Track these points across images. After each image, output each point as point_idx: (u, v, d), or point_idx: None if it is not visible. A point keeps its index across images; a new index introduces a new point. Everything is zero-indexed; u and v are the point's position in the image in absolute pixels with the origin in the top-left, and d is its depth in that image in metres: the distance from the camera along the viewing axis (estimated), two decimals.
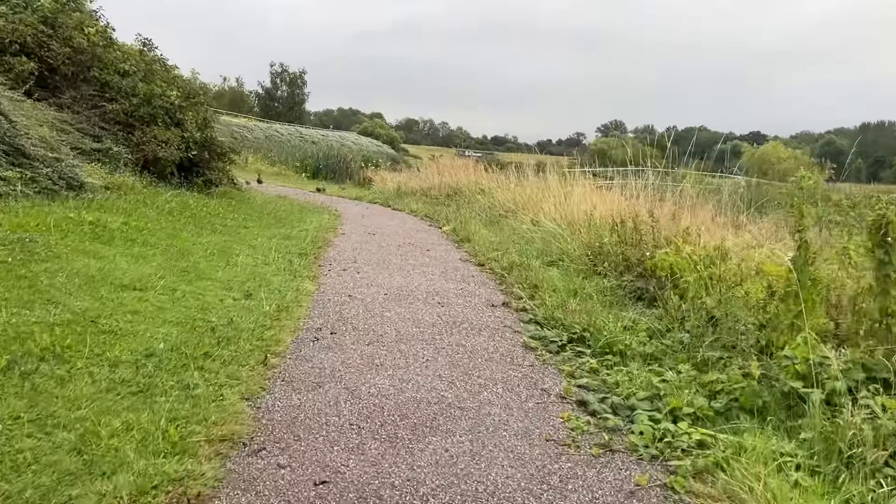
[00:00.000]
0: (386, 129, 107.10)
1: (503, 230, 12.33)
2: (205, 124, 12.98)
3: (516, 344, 5.46)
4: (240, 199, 13.89)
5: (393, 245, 10.52)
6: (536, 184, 15.43)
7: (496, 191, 16.83)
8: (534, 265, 8.50)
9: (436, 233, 12.95)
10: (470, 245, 10.97)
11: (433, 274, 8.23)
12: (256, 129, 61.39)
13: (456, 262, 9.28)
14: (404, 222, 14.58)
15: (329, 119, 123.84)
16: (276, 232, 10.32)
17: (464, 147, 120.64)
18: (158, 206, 9.50)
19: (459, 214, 15.10)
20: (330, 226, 12.39)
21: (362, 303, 6.40)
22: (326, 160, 36.48)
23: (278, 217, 12.21)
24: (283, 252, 8.57)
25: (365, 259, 8.91)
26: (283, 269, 7.41)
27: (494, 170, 20.25)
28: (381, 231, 12.37)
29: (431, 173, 23.46)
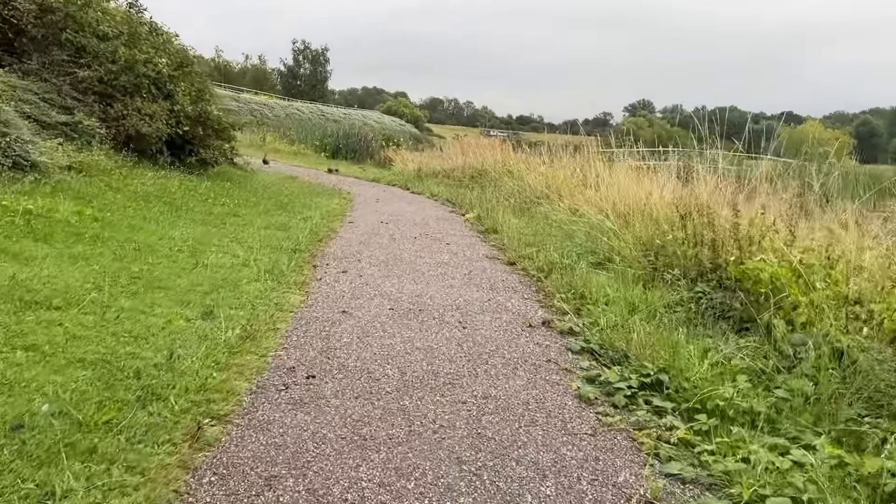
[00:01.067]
0: (410, 108, 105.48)
1: (536, 219, 10.73)
2: (199, 97, 11.51)
3: (567, 392, 3.90)
4: (240, 181, 12.43)
5: (407, 237, 8.99)
6: (572, 165, 13.78)
7: (526, 173, 15.19)
8: (578, 267, 6.92)
9: (458, 221, 11.39)
10: (497, 237, 9.40)
11: (453, 278, 6.68)
12: (277, 107, 60.11)
13: (481, 261, 7.73)
14: (423, 208, 13.03)
15: (354, 98, 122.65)
16: (272, 221, 8.84)
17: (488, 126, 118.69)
18: (131, 191, 8.06)
19: (485, 199, 13.51)
20: (338, 212, 10.89)
21: (358, 323, 4.88)
22: (347, 139, 35.01)
23: (279, 203, 10.73)
24: (274, 248, 7.09)
25: (372, 256, 7.40)
26: (266, 273, 5.92)
27: (523, 150, 18.56)
28: (395, 219, 10.84)
29: (454, 153, 21.84)
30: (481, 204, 12.79)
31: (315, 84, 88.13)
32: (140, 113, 9.88)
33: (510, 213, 11.63)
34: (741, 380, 4.02)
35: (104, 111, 9.65)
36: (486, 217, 11.11)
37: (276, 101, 65.22)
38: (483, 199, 13.70)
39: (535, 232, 9.57)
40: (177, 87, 11.06)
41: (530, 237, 8.97)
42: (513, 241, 8.68)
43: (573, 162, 14.28)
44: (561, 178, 13.27)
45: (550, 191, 13.02)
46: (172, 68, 11.13)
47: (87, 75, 9.44)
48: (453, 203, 14.24)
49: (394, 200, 14.03)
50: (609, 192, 9.92)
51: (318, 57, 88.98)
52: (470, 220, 11.51)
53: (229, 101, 52.96)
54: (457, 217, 11.91)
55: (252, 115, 50.53)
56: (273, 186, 12.93)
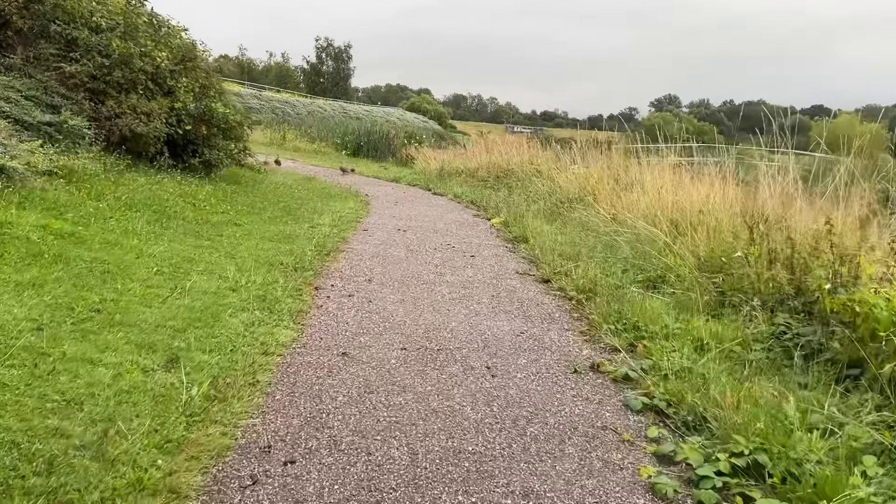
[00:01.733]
0: (433, 105, 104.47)
1: (570, 226, 9.69)
2: (202, 93, 10.64)
3: (635, 484, 2.89)
4: (249, 184, 11.55)
5: (427, 248, 8.01)
6: (607, 164, 12.69)
7: (556, 173, 14.12)
8: (626, 288, 5.89)
9: (483, 227, 10.38)
10: (528, 247, 8.38)
11: (479, 301, 5.68)
12: (299, 105, 59.44)
13: (511, 278, 6.73)
14: (445, 211, 12.05)
15: (377, 95, 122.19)
16: (276, 231, 7.91)
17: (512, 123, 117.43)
18: (118, 198, 7.18)
19: (512, 202, 12.49)
20: (352, 218, 9.94)
21: (361, 372, 3.90)
22: (368, 137, 34.18)
23: (288, 208, 9.81)
24: (272, 265, 6.15)
25: (384, 274, 6.43)
26: (257, 300, 4.98)
27: (551, 147, 17.48)
28: (414, 225, 9.86)
29: (478, 151, 20.82)
30: (508, 207, 11.78)
31: (338, 81, 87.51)
32: (135, 111, 9.02)
33: (541, 218, 10.60)
34: (869, 463, 2.98)
35: (95, 109, 8.79)
36: (514, 223, 10.09)
37: (298, 99, 64.60)
38: (510, 201, 12.68)
39: (571, 242, 8.54)
40: (178, 82, 10.20)
41: (566, 248, 7.94)
42: (546, 253, 7.66)
43: (608, 160, 13.19)
44: (595, 178, 12.20)
45: (585, 193, 11.96)
46: (174, 62, 10.27)
47: (74, 70, 8.58)
48: (477, 205, 13.25)
49: (414, 203, 13.06)
50: (654, 195, 8.84)
51: (340, 54, 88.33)
52: (496, 226, 10.50)
53: (250, 99, 52.59)
54: (481, 222, 10.91)
55: (273, 113, 50.09)
56: (284, 189, 12.03)
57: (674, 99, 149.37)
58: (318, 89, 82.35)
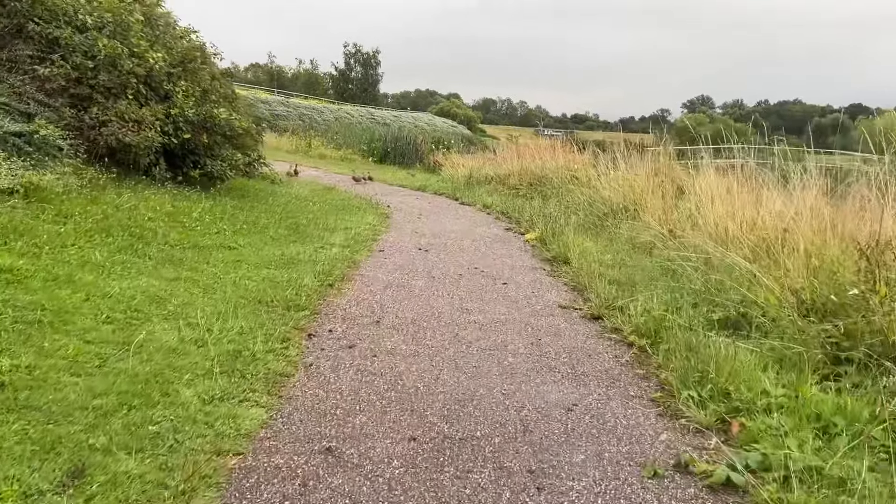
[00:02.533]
0: (463, 109, 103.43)
1: (617, 243, 8.41)
2: (204, 97, 9.61)
3: None
4: (257, 197, 10.49)
5: (451, 274, 6.81)
6: (654, 170, 11.39)
7: (597, 180, 12.84)
8: (700, 332, 4.62)
9: (516, 244, 9.15)
10: (570, 271, 7.14)
11: (516, 352, 4.47)
12: (326, 111, 58.76)
13: (553, 314, 5.49)
14: (473, 225, 10.84)
15: (406, 101, 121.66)
16: (276, 255, 6.80)
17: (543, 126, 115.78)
18: (85, 220, 6.12)
19: (548, 213, 11.25)
20: (368, 235, 8.80)
21: (348, 487, 2.70)
22: (395, 143, 33.16)
23: (296, 225, 8.70)
24: (261, 301, 5.03)
25: (398, 312, 5.25)
26: (229, 357, 3.84)
27: (587, 150, 16.16)
28: (438, 243, 8.67)
29: (509, 156, 19.61)
30: (544, 219, 10.54)
31: (366, 87, 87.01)
32: (123, 119, 8.00)
33: (582, 233, 9.35)
34: None
35: (77, 117, 7.80)
36: (552, 239, 8.85)
37: (326, 105, 63.97)
38: (545, 212, 11.44)
39: (620, 263, 7.28)
40: (177, 86, 9.18)
41: (616, 273, 6.68)
42: (593, 280, 6.41)
43: (654, 165, 11.89)
44: (640, 186, 10.92)
45: (629, 203, 10.68)
46: (171, 64, 9.26)
47: (49, 73, 7.58)
48: (509, 217, 12.03)
49: (439, 215, 11.88)
50: (718, 207, 7.54)
51: (369, 60, 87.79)
52: (531, 242, 9.27)
53: (277, 106, 52.15)
54: (514, 238, 9.68)
55: (300, 120, 49.42)
56: (297, 203, 10.96)
57: (706, 100, 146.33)
58: (347, 95, 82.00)
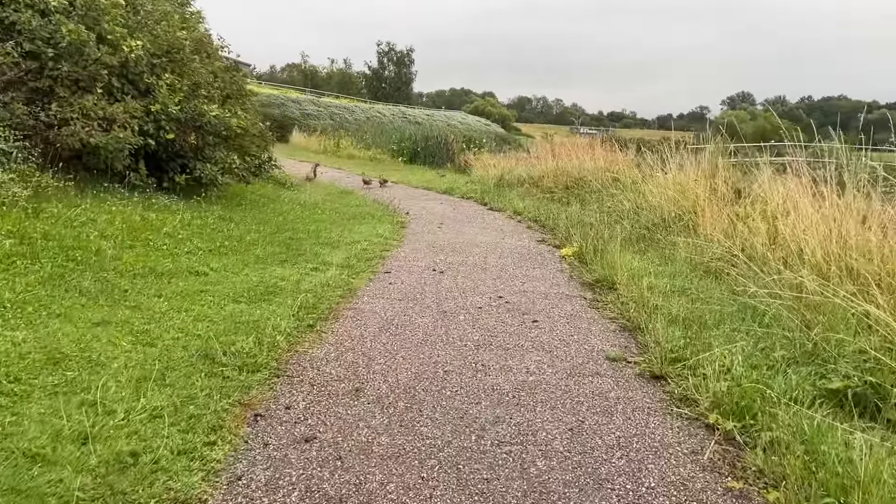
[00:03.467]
0: (497, 108, 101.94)
1: (674, 265, 6.97)
2: (193, 93, 8.43)
3: None
4: (257, 205, 9.29)
5: (467, 306, 5.46)
6: (711, 172, 9.91)
7: (643, 184, 11.36)
8: (807, 412, 3.20)
9: (550, 261, 7.76)
10: (617, 300, 5.74)
11: (549, 444, 3.09)
12: (357, 111, 57.80)
13: (600, 374, 4.10)
14: (501, 236, 9.47)
15: (441, 100, 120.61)
16: (255, 281, 5.53)
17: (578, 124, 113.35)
18: (11, 239, 4.94)
19: (587, 222, 9.82)
20: (376, 250, 7.51)
21: None
22: (425, 142, 31.90)
23: (292, 240, 7.44)
24: (207, 356, 3.75)
25: (389, 372, 3.91)
26: (115, 470, 2.57)
27: (629, 150, 14.64)
28: (456, 261, 7.33)
29: (544, 156, 18.15)
30: (582, 230, 9.12)
31: (399, 86, 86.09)
32: (88, 116, 6.84)
33: (628, 248, 7.93)
34: None
35: (33, 114, 6.67)
36: (593, 256, 7.44)
37: (357, 104, 63.07)
38: (584, 221, 10.02)
39: (681, 291, 5.86)
40: (160, 79, 8.02)
41: (676, 305, 5.26)
42: (648, 316, 5.01)
43: (710, 168, 10.40)
44: (695, 193, 9.45)
45: (682, 211, 9.21)
46: (154, 54, 8.10)
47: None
48: (542, 225, 10.64)
49: (463, 223, 10.53)
50: (800, 221, 6.06)
51: (402, 58, 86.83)
52: (568, 258, 7.87)
53: (308, 105, 51.40)
54: (548, 253, 8.29)
55: (331, 119, 48.50)
56: (303, 211, 9.73)
57: (747, 96, 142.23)
58: (380, 94, 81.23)
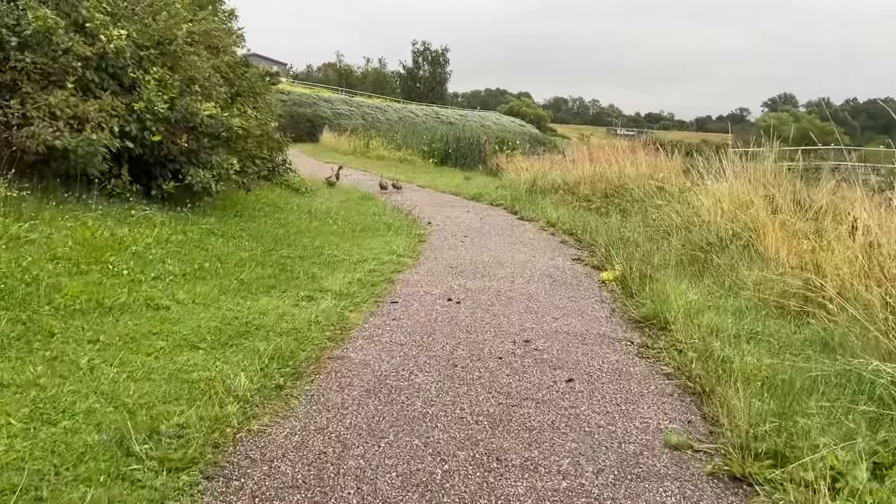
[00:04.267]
0: (533, 108, 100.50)
1: (738, 298, 5.78)
2: (188, 88, 7.51)
3: None
4: (256, 215, 8.34)
5: (484, 355, 4.38)
6: (773, 182, 8.71)
7: (692, 194, 10.14)
8: None
9: (588, 288, 6.63)
10: (674, 348, 4.60)
11: None
12: (390, 110, 57.10)
13: (660, 475, 2.98)
14: (532, 253, 8.36)
15: (477, 100, 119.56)
16: (227, 317, 4.53)
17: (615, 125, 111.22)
18: None
19: (629, 237, 8.66)
20: (384, 274, 6.47)
21: None
22: (457, 143, 30.87)
23: (288, 259, 6.45)
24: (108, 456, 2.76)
25: (361, 481, 2.87)
26: None
27: (676, 155, 13.37)
28: (477, 288, 6.25)
29: (580, 159, 16.96)
30: (625, 248, 7.98)
31: (434, 86, 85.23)
32: (55, 115, 5.94)
33: (679, 272, 6.77)
34: None
35: None
36: (639, 282, 6.30)
37: (390, 104, 62.39)
38: (626, 236, 8.86)
39: (751, 334, 4.70)
40: (147, 73, 7.11)
41: (752, 360, 4.11)
42: (717, 375, 3.88)
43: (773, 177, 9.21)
44: (753, 205, 8.26)
45: (741, 227, 8.00)
46: (140, 45, 7.20)
47: None
48: (579, 240, 9.50)
49: (490, 236, 9.44)
50: None
51: (437, 58, 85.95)
52: (609, 285, 6.74)
53: (340, 105, 50.82)
54: (585, 276, 7.16)
55: (363, 119, 47.79)
56: (311, 220, 8.77)
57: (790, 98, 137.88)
58: (414, 94, 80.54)
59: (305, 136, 43.14)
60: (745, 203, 8.51)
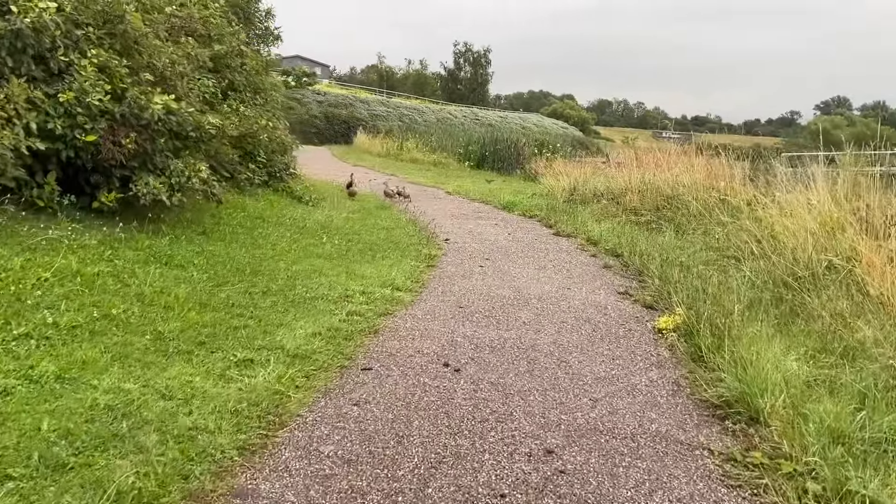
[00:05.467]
0: (576, 111, 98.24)
1: (858, 361, 4.03)
2: (133, 77, 6.07)
3: None
4: (226, 233, 6.85)
5: (480, 483, 2.77)
6: None
7: (764, 209, 8.33)
8: None
9: (640, 340, 4.93)
10: (774, 453, 2.92)
11: None
12: (428, 112, 55.63)
13: None
14: (567, 284, 6.67)
15: (519, 102, 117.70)
16: (98, 404, 3.01)
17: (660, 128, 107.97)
18: None
19: (689, 264, 6.92)
20: (366, 321, 4.88)
21: None
22: (494, 146, 29.21)
23: (244, 298, 4.92)
24: None
25: None
26: None
27: (740, 163, 11.48)
28: (490, 343, 4.62)
29: (626, 164, 15.14)
30: (685, 277, 6.27)
31: (475, 87, 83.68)
32: None
33: (763, 318, 5.02)
34: None
35: None
36: (710, 336, 4.59)
37: (428, 105, 60.97)
38: (685, 262, 7.11)
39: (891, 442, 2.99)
40: (86, 55, 5.69)
41: None
42: None
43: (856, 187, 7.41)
44: (840, 224, 6.51)
45: (834, 252, 6.23)
46: (77, 23, 5.78)
47: None
48: (626, 263, 7.80)
49: (516, 261, 7.78)
50: None
51: (479, 59, 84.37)
52: (668, 337, 5.03)
53: (377, 106, 49.57)
54: (634, 320, 5.44)
55: (400, 121, 46.40)
56: (299, 238, 7.26)
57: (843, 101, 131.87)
58: (456, 96, 79.18)
59: (340, 138, 41.97)
60: (833, 224, 6.72)
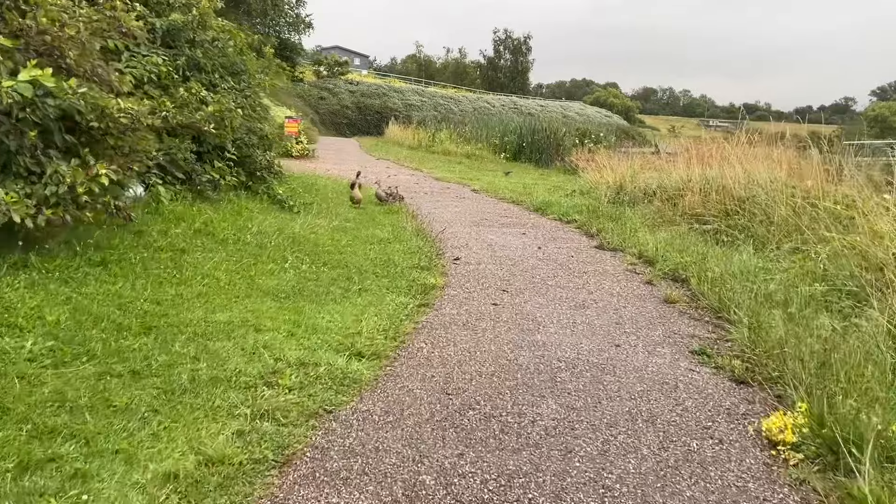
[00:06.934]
0: (620, 99, 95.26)
1: None
2: None
3: None
4: (133, 261, 5.01)
5: None
6: None
7: (874, 216, 6.15)
8: None
9: (739, 455, 2.91)
10: None
11: None
12: (464, 101, 53.58)
13: None
14: (616, 337, 4.65)
15: (561, 90, 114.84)
16: None
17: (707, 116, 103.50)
18: None
19: (788, 303, 4.84)
20: (276, 437, 3.01)
21: None
22: (532, 136, 27.11)
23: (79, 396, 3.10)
24: None
25: None
26: None
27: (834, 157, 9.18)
28: (481, 480, 2.71)
29: (681, 156, 12.92)
30: (793, 332, 4.20)
31: (515, 76, 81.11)
32: None
33: None
34: None
35: None
36: (859, 450, 2.57)
37: (465, 95, 58.79)
38: (781, 301, 5.03)
39: None
40: None
41: None
42: None
43: None
44: None
45: None
46: None
47: None
48: (693, 294, 5.76)
49: (544, 293, 5.78)
50: None
51: (519, 46, 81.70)
52: (784, 451, 3.02)
53: (411, 95, 47.65)
54: (725, 413, 3.41)
55: (435, 111, 44.41)
56: (249, 262, 5.41)
57: None
58: (496, 84, 76.90)
59: (372, 129, 40.25)
60: None
